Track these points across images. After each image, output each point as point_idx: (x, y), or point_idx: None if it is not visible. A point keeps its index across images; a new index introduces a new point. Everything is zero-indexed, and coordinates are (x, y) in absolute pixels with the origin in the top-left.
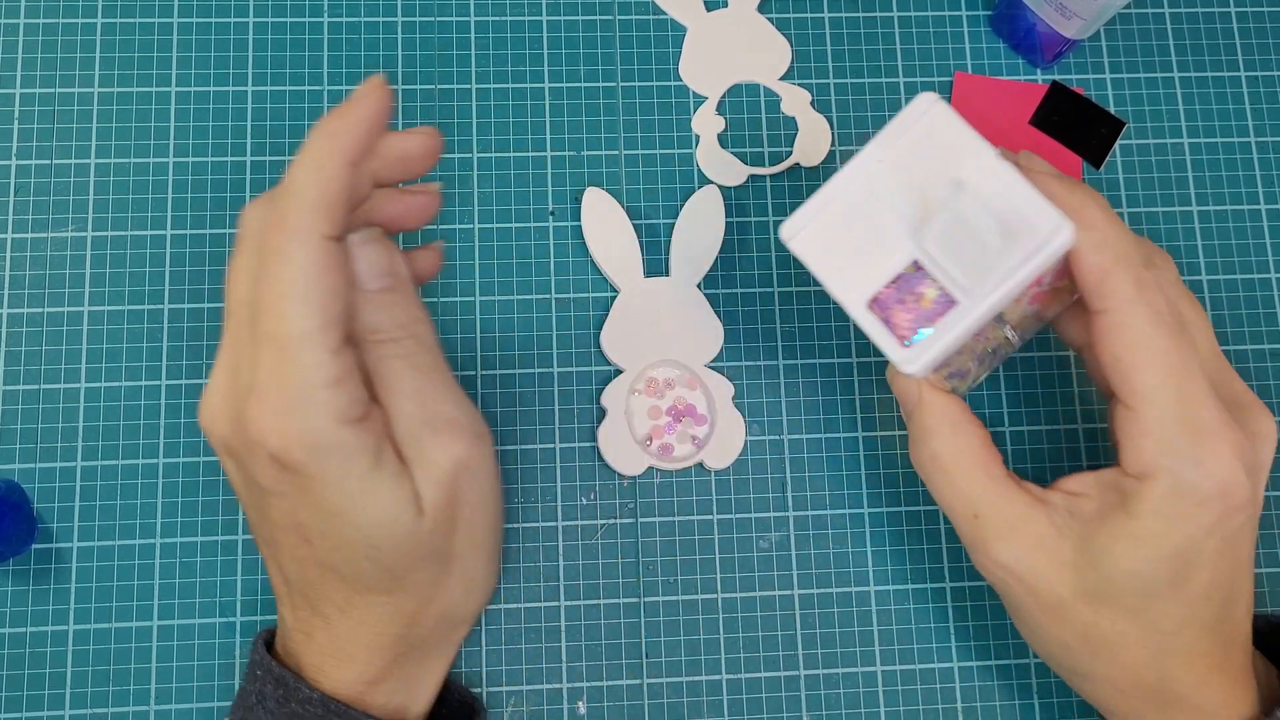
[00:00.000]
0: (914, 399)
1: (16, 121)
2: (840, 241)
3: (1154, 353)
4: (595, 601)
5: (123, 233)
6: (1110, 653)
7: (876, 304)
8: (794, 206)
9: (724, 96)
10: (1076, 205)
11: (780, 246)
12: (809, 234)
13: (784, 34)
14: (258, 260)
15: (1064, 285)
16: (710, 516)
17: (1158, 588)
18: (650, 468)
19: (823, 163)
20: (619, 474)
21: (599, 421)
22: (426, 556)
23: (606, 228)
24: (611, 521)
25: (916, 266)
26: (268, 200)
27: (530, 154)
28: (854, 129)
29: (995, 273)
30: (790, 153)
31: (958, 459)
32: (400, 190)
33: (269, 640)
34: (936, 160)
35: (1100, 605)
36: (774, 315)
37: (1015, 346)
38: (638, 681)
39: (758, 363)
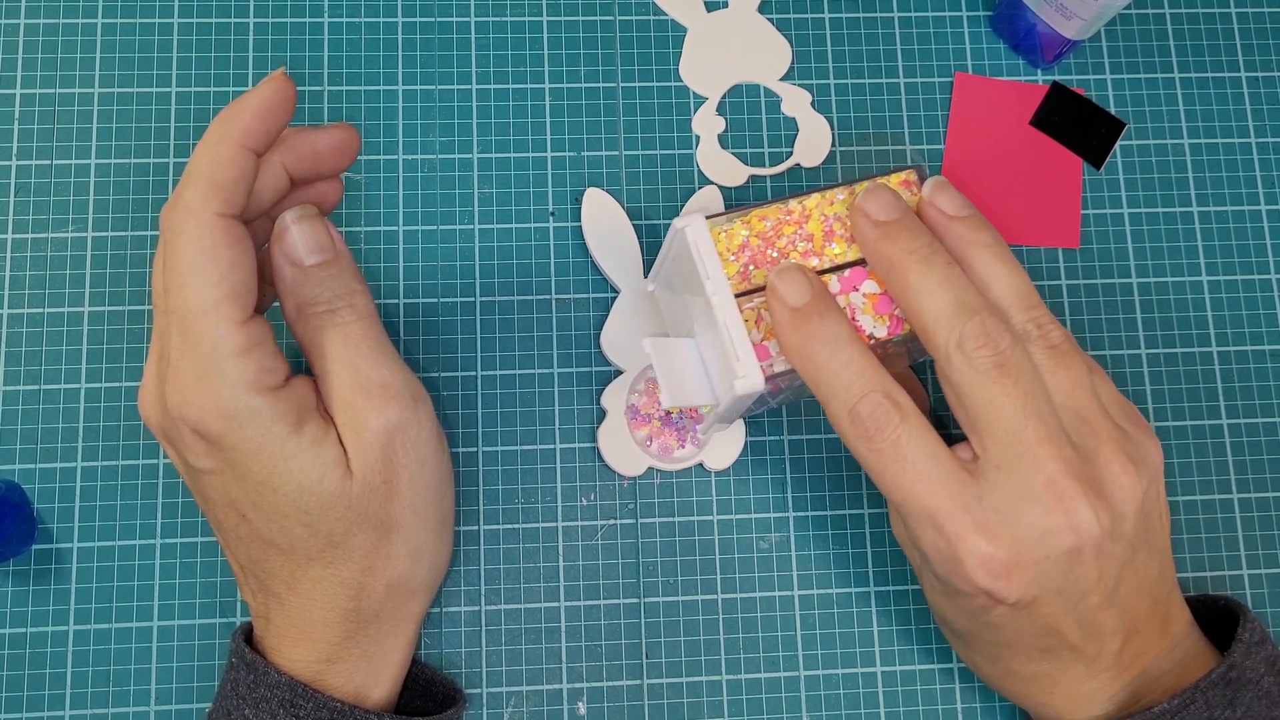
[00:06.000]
0: None
1: (16, 121)
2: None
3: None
4: (595, 602)
5: (123, 233)
6: (956, 649)
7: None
8: None
9: (724, 97)
10: (890, 257)
11: None
12: (656, 288)
13: (784, 34)
14: (161, 243)
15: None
16: (710, 517)
17: (957, 630)
18: (650, 468)
19: (823, 163)
20: (619, 474)
21: (599, 421)
22: (362, 520)
23: (606, 228)
24: (611, 522)
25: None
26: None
27: (530, 154)
28: (854, 129)
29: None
30: (790, 153)
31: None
32: (310, 129)
33: (248, 632)
34: (690, 281)
35: (937, 614)
36: None
37: None
38: (638, 681)
39: None
